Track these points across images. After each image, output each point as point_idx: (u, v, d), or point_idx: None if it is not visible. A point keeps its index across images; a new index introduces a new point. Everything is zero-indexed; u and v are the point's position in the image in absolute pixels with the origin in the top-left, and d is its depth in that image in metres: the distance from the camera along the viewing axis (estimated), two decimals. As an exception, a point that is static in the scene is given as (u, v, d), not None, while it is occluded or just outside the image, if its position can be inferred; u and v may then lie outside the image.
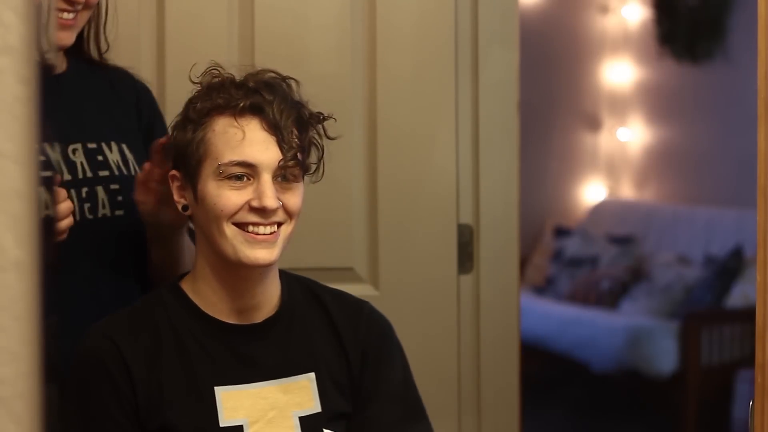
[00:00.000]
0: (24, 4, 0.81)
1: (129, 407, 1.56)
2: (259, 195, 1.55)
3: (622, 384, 4.91)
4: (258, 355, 1.63)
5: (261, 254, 1.57)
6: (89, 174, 1.78)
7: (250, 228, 1.57)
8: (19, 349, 0.81)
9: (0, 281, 0.80)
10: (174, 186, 1.64)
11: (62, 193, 1.65)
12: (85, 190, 1.78)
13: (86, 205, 1.77)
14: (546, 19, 5.83)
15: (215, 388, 1.59)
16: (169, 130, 1.68)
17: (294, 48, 2.17)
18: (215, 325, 1.62)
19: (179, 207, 1.64)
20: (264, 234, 1.57)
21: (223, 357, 1.61)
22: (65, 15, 1.77)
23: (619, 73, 6.01)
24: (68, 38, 1.79)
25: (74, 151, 1.79)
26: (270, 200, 1.55)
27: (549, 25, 5.85)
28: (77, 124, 1.80)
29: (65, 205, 1.63)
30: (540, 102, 5.68)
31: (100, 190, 1.77)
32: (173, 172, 1.64)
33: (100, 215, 1.78)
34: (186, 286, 1.65)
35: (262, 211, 1.56)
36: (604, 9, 6.02)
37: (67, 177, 1.77)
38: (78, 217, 1.76)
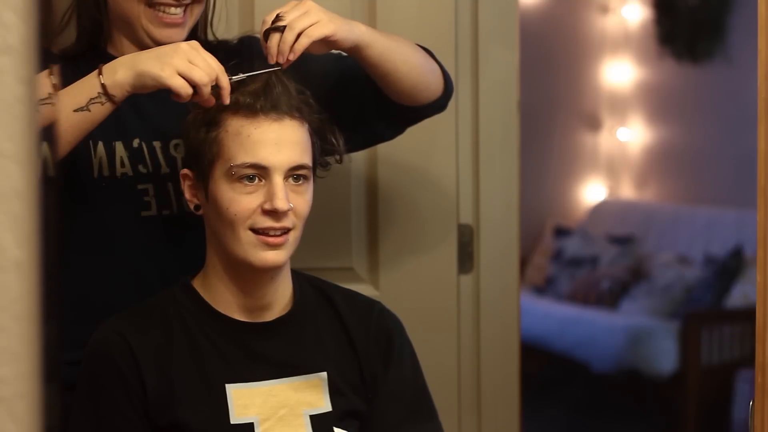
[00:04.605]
0: (24, 4, 0.81)
1: (139, 403, 1.57)
2: (270, 197, 1.56)
3: (622, 384, 4.91)
4: (269, 353, 1.64)
5: (271, 257, 1.59)
6: None
7: (262, 231, 1.58)
8: (19, 349, 0.81)
9: (0, 281, 0.80)
10: (185, 185, 1.65)
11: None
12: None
13: (182, 199, 1.78)
14: (546, 19, 5.84)
15: (226, 385, 1.60)
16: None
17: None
18: (227, 323, 1.63)
19: (191, 206, 1.65)
20: (275, 236, 1.58)
21: (234, 354, 1.62)
22: (172, 10, 1.73)
23: (619, 73, 6.01)
24: (176, 36, 1.74)
25: (176, 146, 1.79)
26: (281, 202, 1.56)
27: (549, 25, 5.85)
28: (181, 119, 1.77)
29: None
30: (540, 102, 5.68)
31: None
32: (185, 171, 1.65)
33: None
34: (197, 284, 1.66)
35: (274, 214, 1.57)
36: (604, 9, 6.02)
37: (165, 170, 1.78)
38: (176, 211, 1.78)
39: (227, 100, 1.57)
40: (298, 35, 1.62)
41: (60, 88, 1.58)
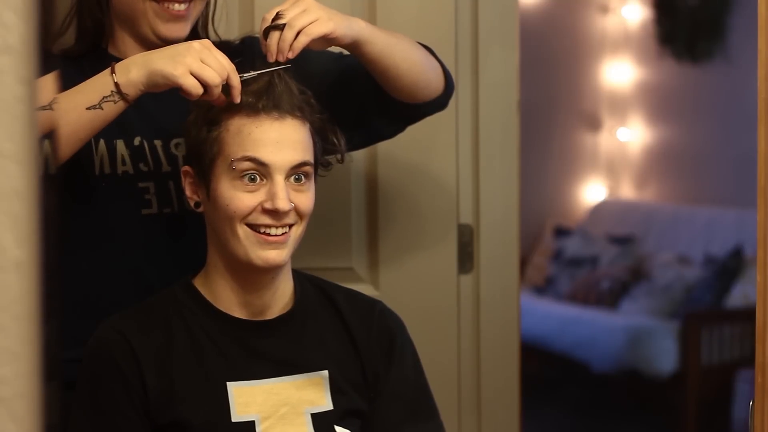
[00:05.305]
0: (24, 4, 0.81)
1: (139, 402, 1.57)
2: (271, 197, 1.56)
3: (622, 384, 4.91)
4: (270, 352, 1.64)
5: (272, 255, 1.58)
6: None
7: (262, 229, 1.58)
8: (19, 349, 0.81)
9: (0, 281, 0.80)
10: (186, 182, 1.65)
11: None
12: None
13: (183, 197, 1.78)
14: (546, 19, 5.84)
15: (227, 383, 1.60)
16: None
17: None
18: (228, 321, 1.63)
19: (192, 204, 1.65)
20: (275, 235, 1.58)
21: (235, 353, 1.62)
22: (176, 6, 1.74)
23: (619, 73, 6.02)
24: (180, 30, 1.76)
25: (177, 145, 1.79)
26: (282, 202, 1.56)
27: (549, 25, 5.85)
28: (183, 118, 1.76)
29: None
30: (540, 102, 5.68)
31: None
32: (186, 168, 1.65)
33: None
34: (199, 282, 1.66)
35: (275, 213, 1.57)
36: (604, 9, 6.02)
37: (167, 168, 1.79)
38: (176, 209, 1.78)
39: (237, 99, 1.57)
40: (298, 33, 1.62)
41: (62, 91, 1.58)
